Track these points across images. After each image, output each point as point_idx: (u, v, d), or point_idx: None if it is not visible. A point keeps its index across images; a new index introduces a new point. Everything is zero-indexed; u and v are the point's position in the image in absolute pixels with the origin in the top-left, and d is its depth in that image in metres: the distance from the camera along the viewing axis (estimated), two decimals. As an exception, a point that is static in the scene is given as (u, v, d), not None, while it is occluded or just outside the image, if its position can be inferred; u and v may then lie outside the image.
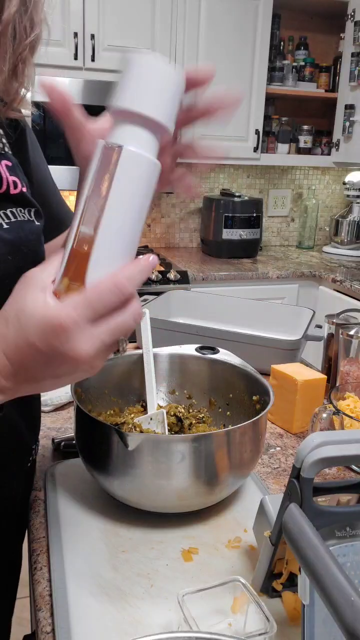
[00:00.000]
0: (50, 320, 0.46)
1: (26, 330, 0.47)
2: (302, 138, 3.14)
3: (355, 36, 2.83)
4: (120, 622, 0.60)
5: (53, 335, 0.46)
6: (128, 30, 2.55)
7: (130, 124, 0.49)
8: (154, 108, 0.48)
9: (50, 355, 0.47)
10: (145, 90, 0.48)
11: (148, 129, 0.49)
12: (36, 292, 0.47)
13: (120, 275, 0.47)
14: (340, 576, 0.42)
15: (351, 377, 1.11)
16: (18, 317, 0.47)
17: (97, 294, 0.46)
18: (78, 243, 0.48)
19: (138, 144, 0.48)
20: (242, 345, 1.23)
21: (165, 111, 0.49)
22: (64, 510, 0.78)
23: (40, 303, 0.46)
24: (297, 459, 0.54)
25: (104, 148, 0.48)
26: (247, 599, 0.59)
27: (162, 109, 0.49)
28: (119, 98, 0.49)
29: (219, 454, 0.72)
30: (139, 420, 0.87)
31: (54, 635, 0.59)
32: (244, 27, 2.72)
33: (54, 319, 0.46)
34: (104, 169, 0.47)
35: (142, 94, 0.48)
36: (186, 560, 0.70)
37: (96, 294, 0.46)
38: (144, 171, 0.48)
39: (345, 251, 3.18)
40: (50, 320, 0.46)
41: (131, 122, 0.49)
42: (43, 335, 0.46)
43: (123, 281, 0.47)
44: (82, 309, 0.46)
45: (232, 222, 2.87)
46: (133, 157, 0.48)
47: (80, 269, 0.47)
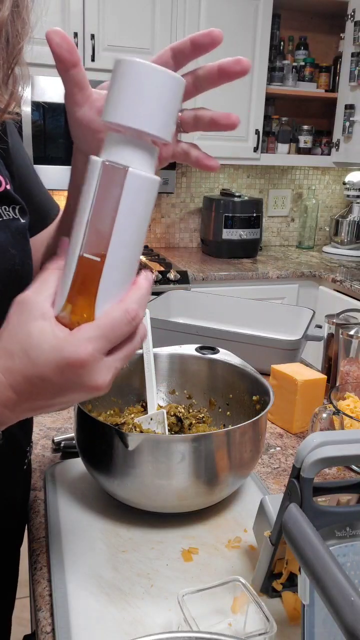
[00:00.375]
0: (67, 357, 0.45)
1: (38, 365, 0.46)
2: (302, 138, 3.14)
3: (355, 36, 2.83)
4: (120, 622, 0.60)
5: (71, 371, 0.46)
6: (128, 30, 2.55)
7: (130, 140, 0.46)
8: (154, 123, 0.45)
9: (65, 387, 0.47)
10: (145, 103, 0.45)
11: (148, 145, 0.47)
12: (39, 322, 0.46)
13: (129, 302, 0.47)
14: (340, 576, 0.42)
15: (351, 377, 1.11)
16: (26, 351, 0.46)
17: (111, 326, 0.46)
18: (82, 268, 0.46)
19: (140, 163, 0.46)
20: (242, 345, 1.23)
21: (167, 124, 0.46)
22: (64, 510, 0.78)
23: (49, 336, 0.45)
24: (297, 459, 0.54)
25: (104, 167, 0.45)
26: (247, 599, 0.59)
27: (163, 122, 0.46)
28: (115, 110, 0.45)
29: (219, 454, 0.72)
30: (139, 420, 0.87)
31: (54, 635, 0.59)
32: (244, 27, 2.72)
33: (71, 356, 0.45)
34: (107, 191, 0.45)
35: (141, 107, 0.45)
36: (186, 560, 0.70)
37: (110, 326, 0.46)
38: (148, 192, 0.47)
39: (345, 251, 3.18)
40: (68, 357, 0.45)
41: (130, 138, 0.46)
42: (59, 370, 0.46)
43: (134, 307, 0.47)
44: (98, 342, 0.46)
45: (232, 222, 2.87)
46: (138, 180, 0.46)
47: (88, 296, 0.46)
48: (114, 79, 0.46)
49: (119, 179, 0.45)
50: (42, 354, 0.45)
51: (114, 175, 0.45)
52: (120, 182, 0.45)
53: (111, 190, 0.45)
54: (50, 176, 2.53)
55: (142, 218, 0.47)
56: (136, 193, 0.46)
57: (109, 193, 0.45)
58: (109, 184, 0.45)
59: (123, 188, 0.45)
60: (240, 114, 2.82)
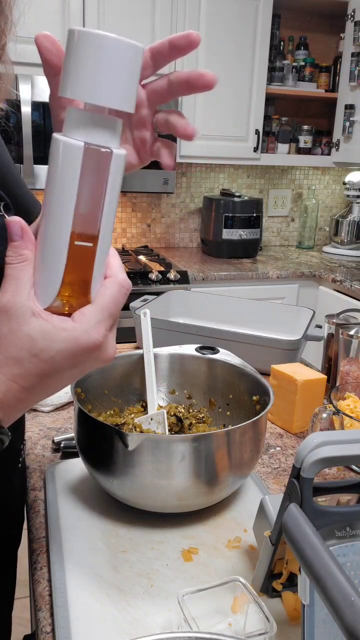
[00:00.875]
0: (84, 345, 0.46)
1: (55, 363, 0.46)
2: (302, 138, 3.14)
3: (355, 36, 2.83)
4: (120, 622, 0.60)
5: (87, 354, 0.47)
6: (128, 30, 2.55)
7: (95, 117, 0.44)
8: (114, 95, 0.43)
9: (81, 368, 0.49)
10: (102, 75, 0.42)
11: (114, 119, 0.45)
12: (34, 323, 0.45)
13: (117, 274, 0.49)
14: (340, 576, 0.42)
15: (351, 377, 1.11)
16: (36, 355, 0.45)
17: (113, 303, 0.48)
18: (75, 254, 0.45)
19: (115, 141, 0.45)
20: (242, 345, 1.23)
21: (128, 94, 0.44)
22: (64, 510, 0.78)
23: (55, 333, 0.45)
24: (297, 459, 0.54)
25: (87, 150, 0.44)
26: (247, 599, 0.59)
27: (124, 93, 0.44)
28: (73, 85, 0.43)
29: (219, 454, 0.72)
30: (139, 420, 0.87)
31: (54, 635, 0.59)
32: (244, 27, 2.72)
33: (88, 343, 0.46)
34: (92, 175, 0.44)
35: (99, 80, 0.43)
36: (186, 560, 0.70)
37: (113, 303, 0.48)
38: (122, 169, 0.46)
39: (345, 251, 3.18)
40: (85, 346, 0.46)
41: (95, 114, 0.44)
42: (76, 358, 0.47)
43: (123, 277, 0.48)
44: (107, 322, 0.47)
45: (232, 222, 2.87)
46: (119, 160, 0.45)
47: (83, 280, 0.46)
48: (68, 51, 0.44)
49: (103, 162, 0.44)
50: (58, 353, 0.46)
51: (98, 158, 0.44)
52: (106, 165, 0.44)
53: (96, 173, 0.44)
54: (50, 176, 2.53)
55: (118, 194, 0.47)
56: (118, 173, 0.46)
57: (95, 177, 0.44)
58: (93, 167, 0.44)
59: (109, 170, 0.45)
60: (240, 113, 2.84)
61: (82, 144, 0.44)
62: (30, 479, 0.86)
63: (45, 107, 2.45)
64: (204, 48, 2.68)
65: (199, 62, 2.68)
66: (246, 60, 2.76)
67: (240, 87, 2.78)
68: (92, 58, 0.42)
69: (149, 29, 2.58)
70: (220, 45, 2.70)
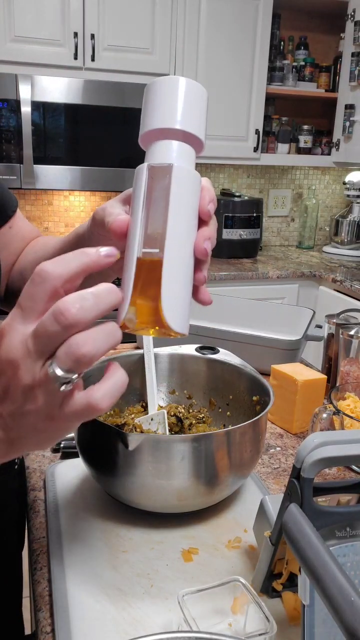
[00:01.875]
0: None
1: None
2: (302, 138, 3.14)
3: (355, 36, 2.83)
4: (120, 622, 0.60)
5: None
6: (128, 30, 2.55)
7: (170, 142, 0.49)
8: (188, 122, 0.49)
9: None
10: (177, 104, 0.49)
11: (187, 144, 0.50)
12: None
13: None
14: (340, 576, 0.42)
15: (351, 377, 1.11)
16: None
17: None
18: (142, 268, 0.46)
19: (182, 160, 0.49)
20: (242, 345, 1.23)
21: (199, 123, 0.50)
22: (64, 510, 0.78)
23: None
24: (297, 459, 0.54)
25: (150, 168, 0.48)
26: (247, 599, 0.59)
27: (196, 122, 0.50)
28: (150, 119, 0.49)
29: (219, 454, 0.72)
30: (139, 420, 0.87)
31: (54, 635, 0.59)
32: (244, 27, 2.72)
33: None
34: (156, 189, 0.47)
35: (174, 109, 0.49)
36: (186, 560, 0.70)
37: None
38: (194, 185, 0.49)
39: (345, 251, 3.18)
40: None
41: (171, 140, 0.49)
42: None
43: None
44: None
45: (232, 222, 2.87)
46: (184, 173, 0.48)
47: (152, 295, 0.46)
48: (145, 99, 0.50)
49: (166, 176, 0.47)
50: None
51: (160, 173, 0.47)
52: (167, 177, 0.47)
53: (160, 187, 0.47)
54: (50, 176, 2.53)
55: (193, 212, 0.49)
56: (183, 186, 0.48)
57: (158, 191, 0.47)
58: (157, 183, 0.47)
59: (171, 182, 0.47)
60: (240, 113, 2.84)
61: (145, 163, 0.49)
62: (30, 479, 0.86)
63: (45, 107, 2.45)
64: (204, 48, 2.68)
65: (199, 62, 2.68)
66: (246, 60, 2.76)
67: (240, 87, 2.78)
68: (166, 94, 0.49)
69: (149, 29, 2.58)
70: (220, 45, 2.70)
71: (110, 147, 2.59)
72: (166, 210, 0.47)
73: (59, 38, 2.45)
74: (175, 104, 0.49)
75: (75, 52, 2.48)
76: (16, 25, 2.38)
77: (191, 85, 0.50)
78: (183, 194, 0.47)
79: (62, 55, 2.47)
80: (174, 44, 2.63)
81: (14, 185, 2.46)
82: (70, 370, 0.40)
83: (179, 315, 0.47)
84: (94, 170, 2.59)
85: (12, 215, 0.83)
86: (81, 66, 2.51)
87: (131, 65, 2.58)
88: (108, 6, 2.49)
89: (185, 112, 0.49)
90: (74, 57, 2.48)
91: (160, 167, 0.48)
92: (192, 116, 0.49)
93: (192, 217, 0.49)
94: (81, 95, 2.48)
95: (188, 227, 0.48)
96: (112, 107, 2.52)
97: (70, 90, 2.45)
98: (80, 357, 0.39)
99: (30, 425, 0.43)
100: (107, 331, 0.41)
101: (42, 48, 2.43)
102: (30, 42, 2.41)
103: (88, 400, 0.41)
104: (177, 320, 0.46)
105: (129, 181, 2.62)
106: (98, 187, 2.63)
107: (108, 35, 2.52)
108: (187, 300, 0.48)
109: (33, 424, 0.43)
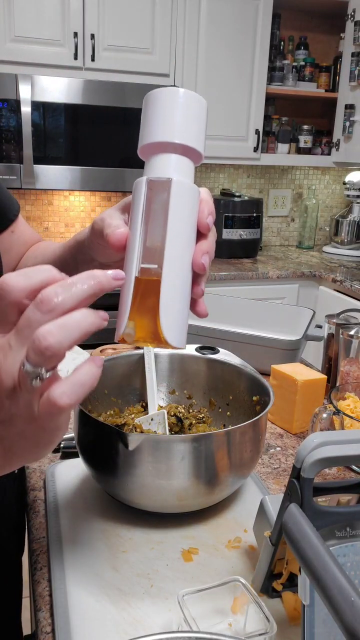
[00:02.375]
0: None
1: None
2: (302, 138, 3.14)
3: (355, 36, 2.83)
4: (120, 622, 0.60)
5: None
6: (128, 30, 2.55)
7: (169, 156, 0.49)
8: (186, 135, 0.49)
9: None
10: (179, 120, 0.49)
11: (185, 157, 0.50)
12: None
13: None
14: (340, 576, 0.42)
15: (351, 377, 1.11)
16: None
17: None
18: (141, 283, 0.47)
19: (180, 174, 0.49)
20: (242, 345, 1.23)
21: (198, 135, 0.50)
22: (64, 510, 0.78)
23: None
24: (297, 459, 0.54)
25: (149, 183, 0.48)
26: (247, 599, 0.59)
27: (194, 134, 0.50)
28: (149, 133, 0.49)
29: (219, 454, 0.72)
30: (139, 420, 0.87)
31: (54, 635, 0.59)
32: (244, 27, 2.72)
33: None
34: (155, 203, 0.47)
35: (172, 122, 0.49)
36: (186, 560, 0.70)
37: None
38: (192, 199, 0.49)
39: (345, 251, 3.18)
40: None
41: (170, 154, 0.49)
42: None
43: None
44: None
45: (232, 222, 2.87)
46: (182, 187, 0.48)
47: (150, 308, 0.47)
48: (144, 110, 0.50)
49: (164, 190, 0.47)
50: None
51: (159, 187, 0.47)
52: (166, 192, 0.47)
53: (159, 202, 0.47)
54: (51, 176, 2.53)
55: (191, 226, 0.49)
56: (182, 200, 0.48)
57: (157, 205, 0.47)
58: (156, 197, 0.47)
59: (170, 197, 0.47)
60: (240, 113, 2.84)
61: (144, 177, 0.48)
62: (30, 479, 0.86)
63: (45, 107, 2.45)
64: (204, 48, 2.68)
65: (199, 62, 2.68)
66: (246, 60, 2.76)
67: (240, 87, 2.78)
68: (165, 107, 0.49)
69: (149, 29, 2.58)
70: (220, 45, 2.70)
71: (110, 147, 2.59)
72: (165, 225, 0.47)
73: (59, 38, 2.45)
74: (175, 117, 0.49)
75: (75, 52, 2.48)
76: (16, 25, 2.38)
77: (190, 97, 0.50)
78: (182, 209, 0.48)
79: (62, 55, 2.47)
80: (174, 44, 2.63)
81: (14, 185, 2.46)
82: (38, 364, 0.39)
83: (177, 331, 0.47)
84: (94, 170, 2.59)
85: (14, 220, 0.83)
86: (81, 66, 2.51)
87: (131, 65, 2.58)
88: (108, 6, 2.49)
89: (185, 126, 0.49)
90: (74, 57, 2.49)
91: (159, 181, 0.48)
92: (191, 129, 0.49)
93: (190, 231, 0.49)
94: (81, 95, 2.48)
95: (186, 242, 0.48)
96: (112, 107, 2.52)
97: (70, 90, 2.46)
98: (44, 350, 0.38)
99: (18, 431, 0.42)
100: (76, 319, 0.40)
101: (42, 48, 2.43)
102: (30, 42, 2.41)
103: (48, 398, 0.40)
104: (176, 336, 0.47)
105: (129, 181, 2.62)
106: (98, 187, 2.63)
107: (108, 35, 2.52)
108: (184, 315, 0.49)
109: (21, 429, 0.42)
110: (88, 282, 0.41)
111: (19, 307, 0.40)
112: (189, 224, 0.49)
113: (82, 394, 0.41)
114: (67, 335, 0.39)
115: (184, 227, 0.48)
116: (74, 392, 0.40)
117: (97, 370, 0.42)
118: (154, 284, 0.47)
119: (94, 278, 0.41)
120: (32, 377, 0.39)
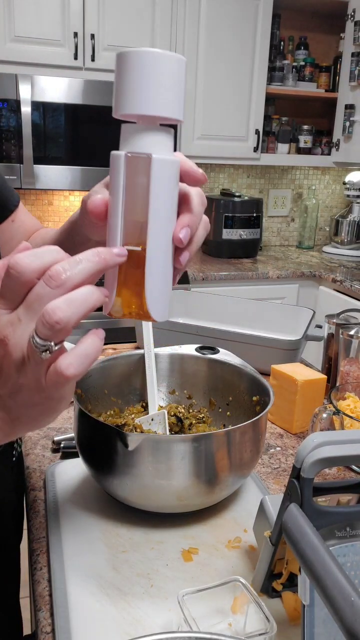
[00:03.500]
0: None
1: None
2: (302, 138, 3.14)
3: (355, 36, 2.83)
4: (120, 622, 0.60)
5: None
6: (128, 30, 2.55)
7: (144, 127, 0.47)
8: (163, 105, 0.46)
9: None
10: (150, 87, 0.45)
11: (163, 129, 0.48)
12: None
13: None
14: (340, 576, 0.42)
15: (351, 377, 1.11)
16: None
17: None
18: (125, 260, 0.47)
19: (159, 148, 0.47)
20: (242, 345, 1.23)
21: (176, 103, 0.47)
22: (64, 510, 0.78)
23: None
24: (297, 459, 0.54)
25: (128, 159, 0.46)
26: (247, 599, 0.59)
27: (172, 103, 0.46)
28: (124, 102, 0.46)
29: (219, 454, 0.72)
30: (139, 420, 0.87)
31: (54, 635, 0.59)
32: (244, 27, 2.72)
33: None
34: (135, 181, 0.46)
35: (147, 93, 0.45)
36: (186, 560, 0.70)
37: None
38: (173, 175, 0.48)
39: (345, 251, 3.18)
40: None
41: (144, 125, 0.47)
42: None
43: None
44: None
45: (232, 222, 2.87)
46: (162, 164, 0.47)
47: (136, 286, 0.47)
48: (117, 73, 0.47)
49: (144, 168, 0.46)
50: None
51: (138, 164, 0.46)
52: (146, 170, 0.46)
53: (139, 179, 0.46)
54: (51, 176, 2.53)
55: (172, 201, 0.48)
56: (163, 178, 0.47)
57: (138, 183, 0.46)
58: (136, 174, 0.46)
59: (150, 175, 0.46)
60: (240, 114, 2.83)
61: (123, 153, 0.47)
62: (30, 479, 0.86)
63: (45, 107, 2.45)
64: (204, 48, 2.68)
65: (199, 62, 2.68)
66: (246, 60, 2.76)
67: (240, 87, 2.78)
68: (139, 74, 0.45)
69: (149, 29, 2.58)
70: (220, 45, 2.70)
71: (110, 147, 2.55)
72: (146, 203, 0.46)
73: (59, 38, 2.45)
74: (151, 85, 0.45)
75: (75, 52, 2.48)
76: (16, 25, 2.38)
77: (167, 59, 0.45)
78: (162, 185, 0.47)
79: (62, 55, 2.47)
80: (174, 44, 2.63)
81: (14, 185, 2.46)
82: (47, 337, 0.41)
83: (161, 305, 0.49)
84: (94, 170, 2.59)
85: (14, 210, 0.84)
86: (81, 66, 2.51)
87: (131, 65, 2.57)
88: (108, 6, 2.49)
89: (163, 95, 0.46)
90: (74, 57, 2.49)
91: (138, 157, 0.46)
92: (170, 97, 0.46)
93: (171, 206, 0.48)
94: (81, 95, 2.48)
95: (168, 217, 0.48)
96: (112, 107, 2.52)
97: (70, 90, 2.46)
98: (54, 324, 0.40)
99: (25, 400, 0.44)
100: (83, 295, 0.42)
101: (42, 48, 2.43)
102: (30, 42, 2.41)
103: (55, 369, 0.42)
104: (160, 310, 0.49)
105: (129, 181, 2.62)
106: (98, 187, 2.63)
107: (108, 35, 2.52)
108: (168, 288, 0.50)
109: (28, 399, 0.44)
110: (93, 259, 0.43)
111: (29, 287, 0.43)
112: (169, 200, 0.48)
113: (87, 365, 0.43)
114: (75, 310, 0.41)
115: (165, 203, 0.47)
116: (80, 363, 0.42)
117: (100, 342, 0.44)
118: (138, 262, 0.47)
119: (99, 255, 0.44)
120: (41, 350, 0.41)
